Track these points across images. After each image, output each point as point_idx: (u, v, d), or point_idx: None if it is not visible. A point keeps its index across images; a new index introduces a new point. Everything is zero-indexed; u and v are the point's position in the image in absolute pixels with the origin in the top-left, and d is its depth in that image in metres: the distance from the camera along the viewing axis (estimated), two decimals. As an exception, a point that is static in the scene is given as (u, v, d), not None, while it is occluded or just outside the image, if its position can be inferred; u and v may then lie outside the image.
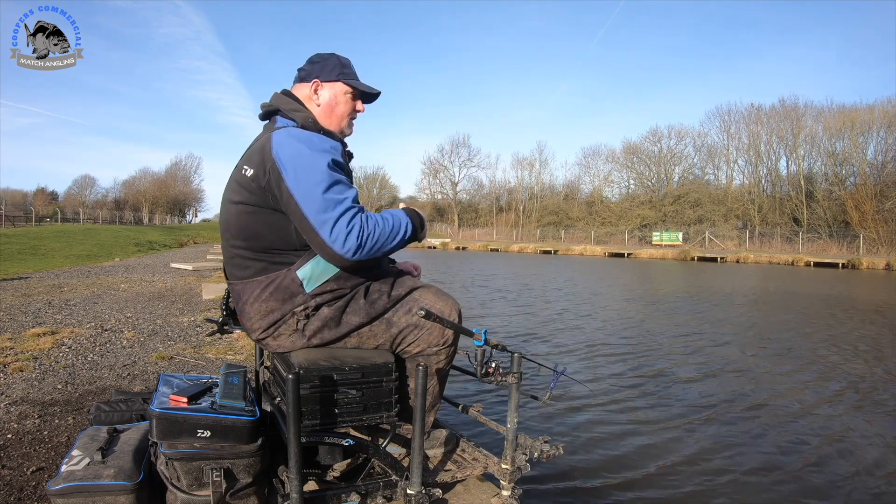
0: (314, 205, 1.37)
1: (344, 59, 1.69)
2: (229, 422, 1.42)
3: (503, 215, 53.87)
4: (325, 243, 1.38)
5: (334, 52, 1.70)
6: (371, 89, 1.70)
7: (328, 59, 1.67)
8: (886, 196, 31.35)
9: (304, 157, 1.42)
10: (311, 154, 1.43)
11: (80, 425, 2.66)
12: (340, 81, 1.65)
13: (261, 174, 1.43)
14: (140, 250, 20.26)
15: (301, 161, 1.41)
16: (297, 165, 1.40)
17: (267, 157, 1.42)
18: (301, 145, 1.44)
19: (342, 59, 1.68)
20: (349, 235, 1.38)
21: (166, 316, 6.01)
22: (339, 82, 1.65)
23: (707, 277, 17.84)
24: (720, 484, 2.86)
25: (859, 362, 5.59)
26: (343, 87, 1.66)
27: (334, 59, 1.67)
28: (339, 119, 1.67)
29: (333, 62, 1.66)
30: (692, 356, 5.81)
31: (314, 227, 1.37)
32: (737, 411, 4.00)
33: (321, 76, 1.65)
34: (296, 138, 1.46)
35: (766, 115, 41.01)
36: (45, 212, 45.02)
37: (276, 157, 1.41)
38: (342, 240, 1.37)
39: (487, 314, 8.58)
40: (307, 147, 1.44)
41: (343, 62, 1.67)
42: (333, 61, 1.66)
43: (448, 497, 1.66)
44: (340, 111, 1.66)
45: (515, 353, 1.59)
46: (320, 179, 1.39)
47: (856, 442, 3.43)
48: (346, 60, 1.69)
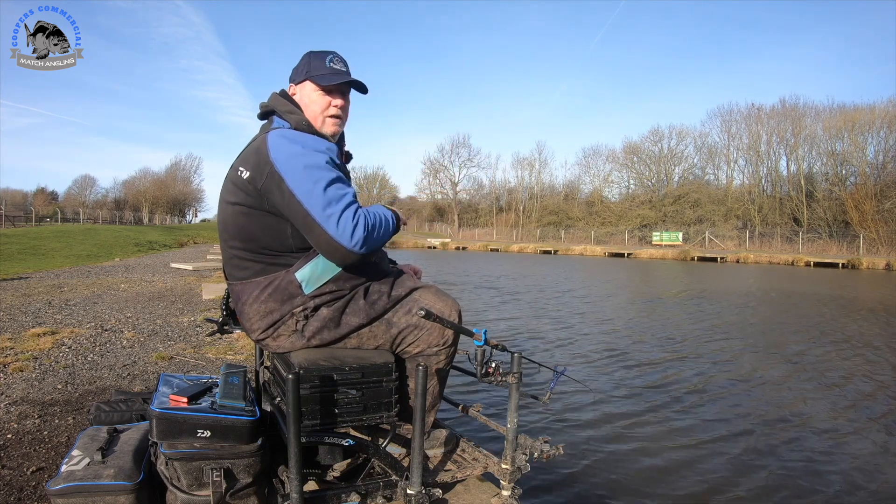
0: (317, 201, 1.37)
1: (316, 55, 1.62)
2: (229, 422, 1.42)
3: (503, 215, 53.85)
4: (333, 238, 1.37)
5: (312, 50, 1.65)
6: (332, 80, 1.58)
7: (301, 61, 1.64)
8: (886, 196, 31.34)
9: (302, 156, 1.42)
10: (308, 154, 1.43)
11: (80, 425, 2.66)
12: (307, 80, 1.61)
13: (257, 177, 1.42)
14: (140, 250, 20.26)
15: (299, 161, 1.41)
16: (295, 165, 1.40)
17: (264, 160, 1.42)
18: (297, 146, 1.44)
19: (313, 56, 1.62)
20: (356, 228, 1.38)
21: (166, 316, 6.01)
22: (307, 81, 1.61)
23: (707, 278, 17.83)
24: (720, 484, 2.86)
25: (859, 362, 5.59)
26: (311, 86, 1.61)
27: (305, 58, 1.64)
28: (314, 118, 1.61)
29: (303, 62, 1.63)
30: (692, 356, 5.81)
31: (319, 223, 1.37)
32: (736, 412, 4.00)
33: (295, 79, 1.64)
34: (290, 140, 1.46)
35: (767, 115, 41.06)
36: (45, 212, 45.00)
37: (273, 160, 1.40)
38: (349, 233, 1.38)
39: (487, 314, 8.58)
40: (302, 147, 1.44)
41: (313, 59, 1.61)
42: (303, 61, 1.63)
43: (448, 497, 1.66)
44: (312, 111, 1.61)
45: (515, 353, 1.59)
46: (320, 177, 1.39)
47: (856, 442, 3.43)
48: (320, 55, 1.62)
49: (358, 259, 1.42)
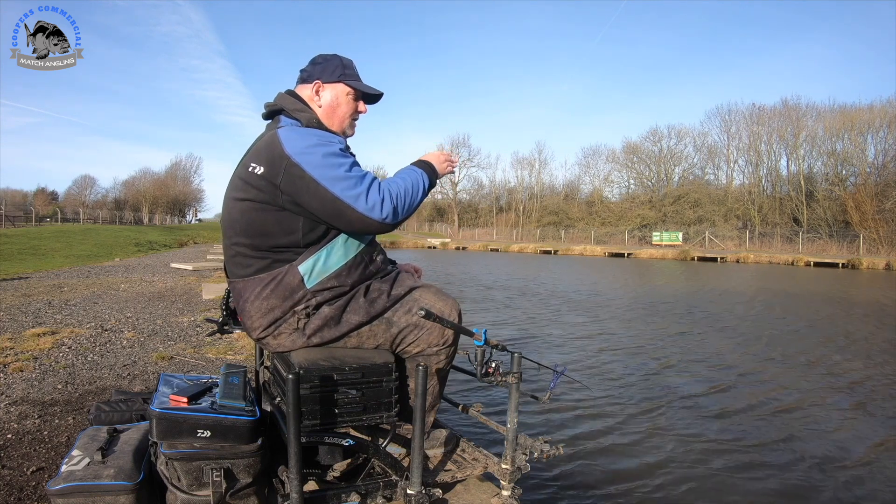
0: (341, 184, 1.42)
1: (346, 60, 1.69)
2: (229, 422, 1.42)
3: (503, 215, 53.84)
4: (364, 215, 1.43)
5: (336, 53, 1.70)
6: (373, 90, 1.70)
7: (330, 60, 1.67)
8: (886, 196, 31.33)
9: (319, 146, 1.45)
10: (324, 143, 1.47)
11: (80, 425, 2.66)
12: (342, 82, 1.65)
13: (274, 172, 1.43)
14: (140, 250, 20.26)
15: (317, 150, 1.44)
16: (314, 155, 1.43)
17: (279, 155, 1.43)
18: (311, 137, 1.48)
19: (344, 60, 1.68)
20: (384, 202, 1.45)
21: (166, 316, 6.01)
22: (341, 83, 1.65)
23: (707, 278, 17.83)
24: (720, 484, 2.86)
25: (858, 362, 5.59)
26: (344, 88, 1.66)
27: (336, 59, 1.67)
28: (340, 120, 1.67)
29: (335, 63, 1.66)
30: (693, 357, 5.81)
31: (348, 203, 1.41)
32: (737, 412, 4.00)
33: (323, 77, 1.65)
34: (303, 133, 1.49)
35: (767, 115, 41.03)
36: (45, 212, 44.98)
37: (290, 154, 1.42)
38: (379, 207, 1.44)
39: (487, 314, 8.58)
40: (317, 138, 1.48)
41: (345, 63, 1.67)
42: (335, 62, 1.66)
43: (448, 497, 1.66)
44: (342, 112, 1.67)
45: (515, 353, 1.59)
46: (340, 162, 1.44)
47: (857, 441, 3.44)
48: (349, 61, 1.69)
49: (392, 228, 1.51)
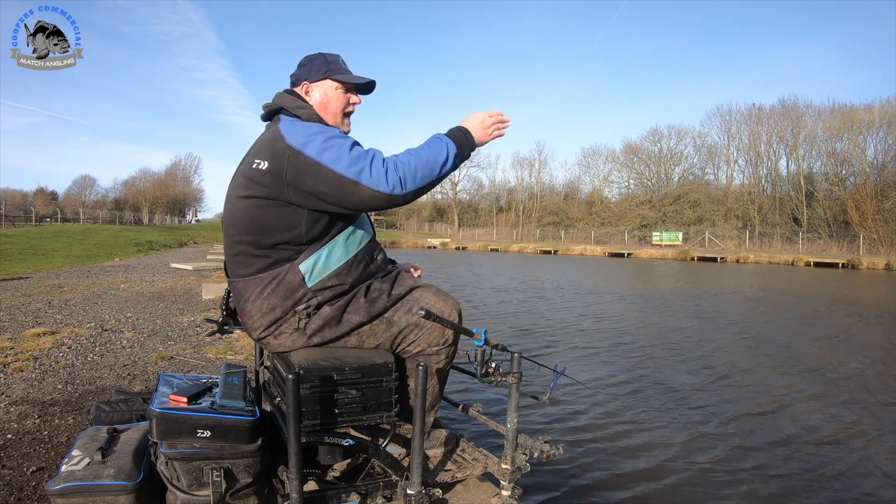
0: (345, 161, 1.41)
1: (330, 56, 1.68)
2: (229, 422, 1.42)
3: (503, 215, 53.82)
4: (370, 188, 1.41)
5: (321, 52, 1.69)
6: (360, 79, 1.69)
7: (314, 60, 1.67)
8: (886, 196, 31.33)
9: (320, 133, 1.46)
10: (325, 130, 1.48)
11: (80, 425, 2.66)
12: (328, 78, 1.65)
13: (278, 164, 1.43)
14: (140, 250, 20.25)
15: (319, 137, 1.44)
16: (315, 140, 1.43)
17: (282, 147, 1.44)
18: (313, 126, 1.49)
19: (328, 57, 1.68)
20: (388, 172, 1.42)
21: (166, 316, 6.01)
22: (327, 79, 1.65)
23: (707, 278, 17.83)
24: (720, 484, 2.86)
25: (858, 362, 5.59)
26: (332, 84, 1.66)
27: (320, 58, 1.67)
28: (334, 115, 1.66)
29: (319, 61, 1.66)
30: (693, 356, 5.81)
31: (353, 179, 1.40)
32: (738, 412, 4.00)
33: (309, 77, 1.66)
34: (304, 125, 1.51)
35: (767, 115, 41.02)
36: (45, 212, 44.97)
37: (292, 143, 1.43)
38: (384, 179, 1.42)
39: (487, 314, 8.58)
40: (318, 127, 1.49)
41: (329, 59, 1.67)
42: (319, 60, 1.66)
43: (448, 497, 1.66)
44: (334, 107, 1.66)
45: (515, 353, 1.59)
46: (342, 143, 1.44)
47: (857, 442, 3.44)
48: (333, 56, 1.69)
49: (406, 199, 1.46)
